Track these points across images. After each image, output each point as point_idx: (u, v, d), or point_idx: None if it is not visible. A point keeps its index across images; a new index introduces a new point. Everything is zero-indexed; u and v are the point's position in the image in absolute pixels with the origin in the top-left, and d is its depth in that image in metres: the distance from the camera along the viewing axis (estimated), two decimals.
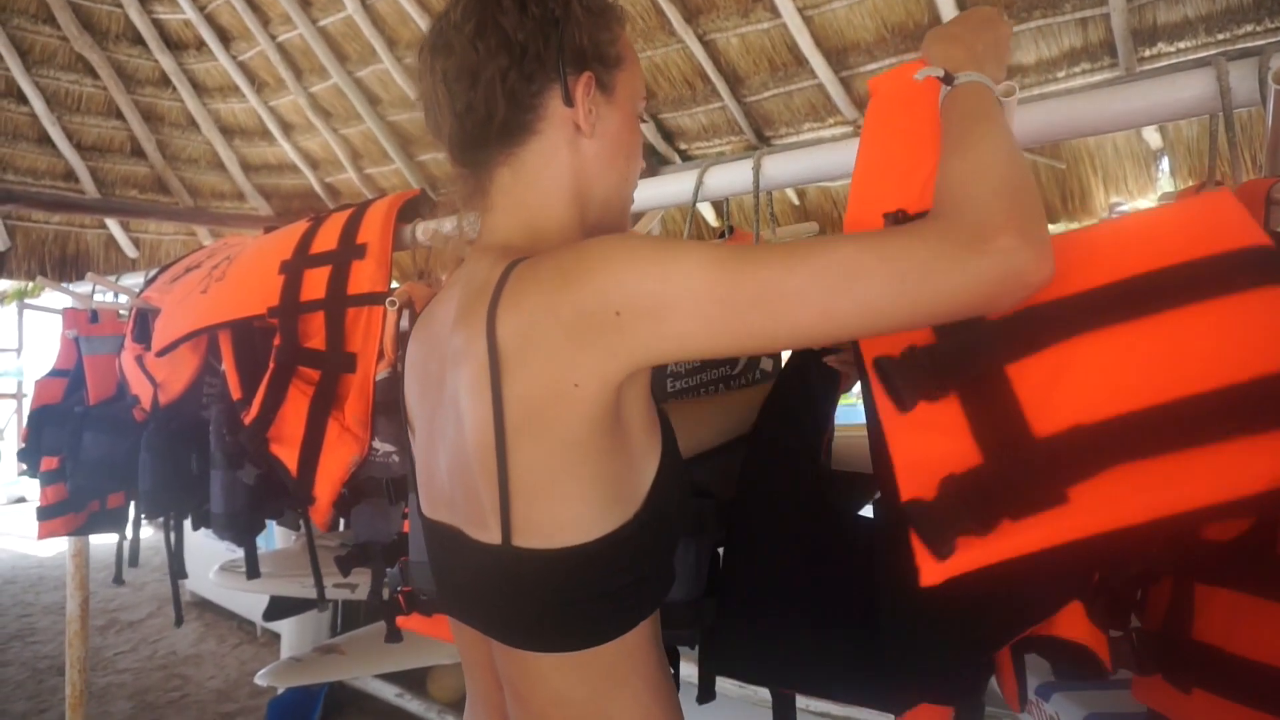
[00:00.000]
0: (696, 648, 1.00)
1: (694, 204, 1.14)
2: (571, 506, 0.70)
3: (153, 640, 5.05)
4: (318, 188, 4.18)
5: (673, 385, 1.09)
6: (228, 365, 1.69)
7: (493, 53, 0.77)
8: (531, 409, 0.68)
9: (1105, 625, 0.84)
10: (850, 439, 1.44)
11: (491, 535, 0.72)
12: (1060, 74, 2.38)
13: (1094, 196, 2.52)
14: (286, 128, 4.06)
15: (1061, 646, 0.83)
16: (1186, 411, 0.64)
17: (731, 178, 1.17)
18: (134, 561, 2.32)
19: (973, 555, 0.65)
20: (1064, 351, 0.70)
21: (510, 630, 0.77)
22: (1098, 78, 2.31)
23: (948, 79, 0.81)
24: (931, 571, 0.66)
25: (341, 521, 1.57)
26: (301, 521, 1.59)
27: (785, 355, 1.01)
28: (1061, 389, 0.68)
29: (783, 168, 1.19)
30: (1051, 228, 0.68)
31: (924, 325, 0.72)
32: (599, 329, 0.65)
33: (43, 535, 2.39)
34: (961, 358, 0.72)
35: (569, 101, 0.78)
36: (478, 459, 0.72)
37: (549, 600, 0.73)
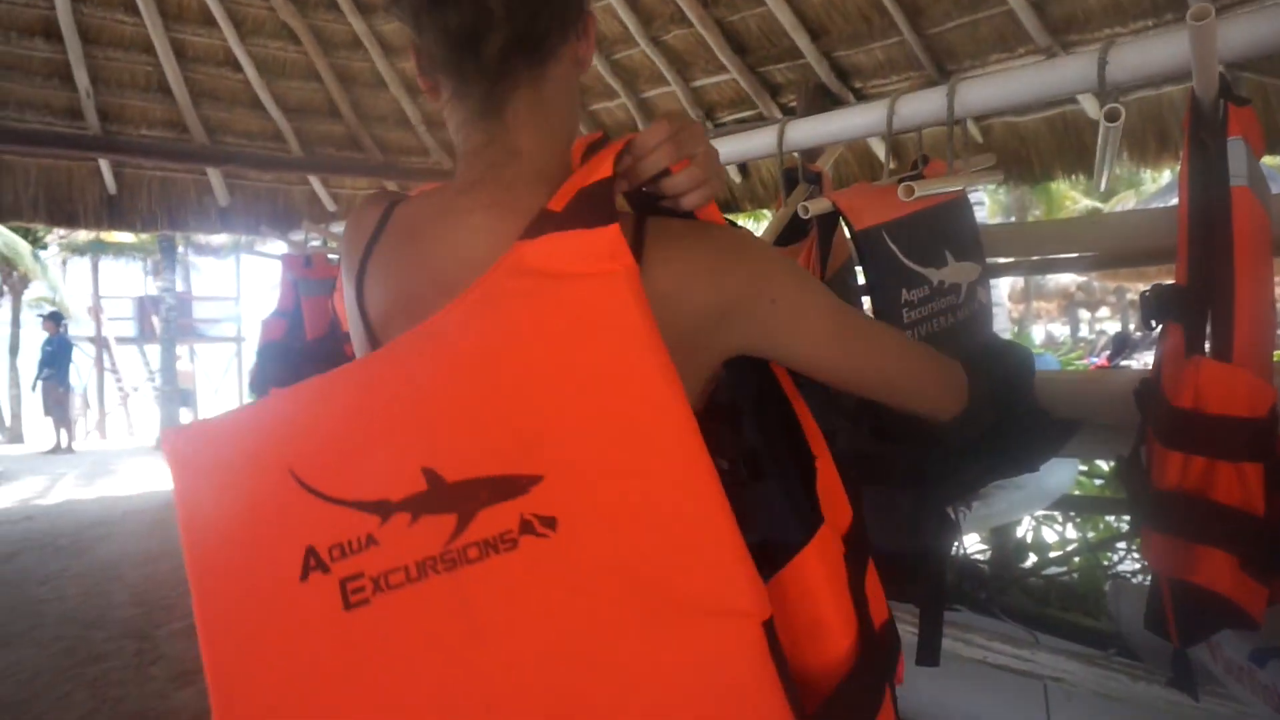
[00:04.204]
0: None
1: (889, 135, 1.11)
2: None
3: None
4: None
5: (908, 315, 1.07)
6: None
7: None
8: None
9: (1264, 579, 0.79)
10: (1054, 382, 1.39)
11: None
12: None
13: None
14: None
15: (1198, 594, 0.79)
16: None
17: (924, 107, 1.13)
18: None
19: None
20: None
21: None
22: None
23: None
24: None
25: None
26: None
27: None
28: None
29: (979, 93, 1.13)
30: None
31: None
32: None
33: None
34: None
35: (583, 32, 0.78)
36: None
37: None
